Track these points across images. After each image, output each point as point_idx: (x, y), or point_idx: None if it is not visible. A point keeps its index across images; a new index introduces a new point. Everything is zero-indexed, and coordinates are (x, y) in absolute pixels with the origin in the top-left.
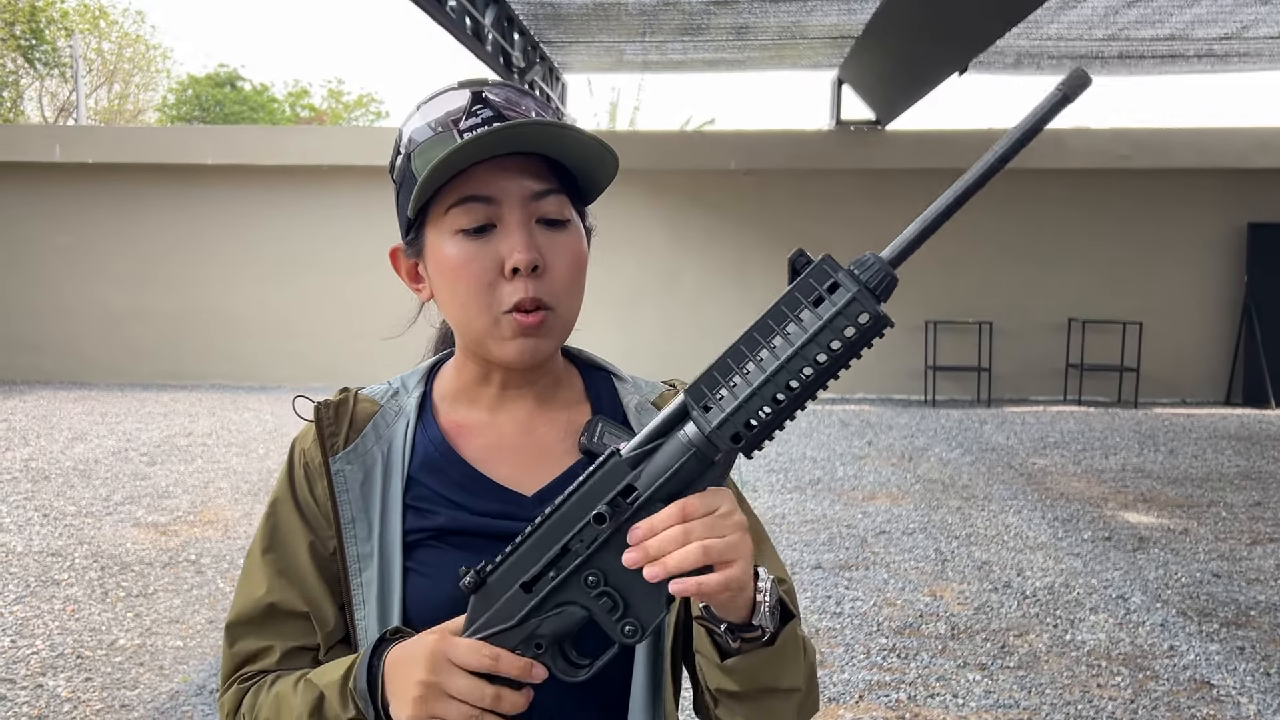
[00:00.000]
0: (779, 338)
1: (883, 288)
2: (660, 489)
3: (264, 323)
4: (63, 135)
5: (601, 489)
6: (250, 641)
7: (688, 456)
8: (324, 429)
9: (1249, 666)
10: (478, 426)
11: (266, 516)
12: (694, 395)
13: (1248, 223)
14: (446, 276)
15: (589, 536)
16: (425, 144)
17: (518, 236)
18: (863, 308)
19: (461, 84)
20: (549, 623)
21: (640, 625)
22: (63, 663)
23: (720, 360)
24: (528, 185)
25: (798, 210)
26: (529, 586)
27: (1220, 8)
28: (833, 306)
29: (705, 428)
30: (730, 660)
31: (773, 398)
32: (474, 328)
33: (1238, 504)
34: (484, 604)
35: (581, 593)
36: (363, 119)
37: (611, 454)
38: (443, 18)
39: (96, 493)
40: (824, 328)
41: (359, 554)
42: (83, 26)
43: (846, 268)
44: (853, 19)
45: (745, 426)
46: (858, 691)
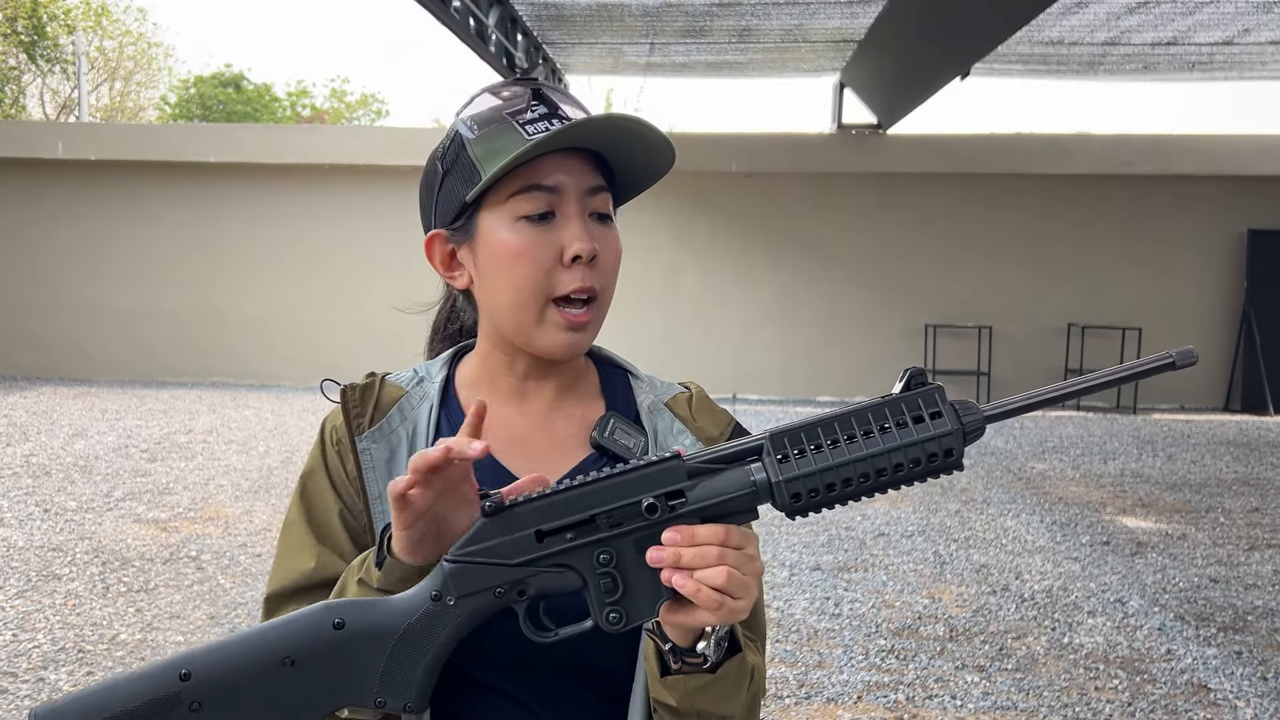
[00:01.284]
0: (870, 431)
1: (973, 433)
2: (707, 509)
3: (265, 321)
4: (65, 132)
5: (652, 482)
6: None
7: (744, 493)
8: (349, 410)
9: (1246, 671)
10: (497, 416)
11: (300, 491)
12: (774, 443)
13: (1248, 229)
14: (504, 260)
15: (621, 518)
16: (487, 133)
17: (579, 226)
18: (952, 444)
19: (516, 80)
20: (544, 577)
21: (626, 616)
22: (64, 656)
23: (811, 425)
24: (585, 180)
25: (799, 213)
26: (543, 536)
27: (1222, 14)
28: (930, 430)
29: (774, 477)
30: (668, 678)
31: (843, 480)
32: (522, 315)
33: (1236, 510)
34: (493, 531)
35: (588, 564)
36: (365, 118)
37: (674, 456)
38: (446, 18)
39: (97, 488)
40: (915, 444)
41: None
42: (85, 24)
43: (952, 404)
44: (855, 23)
45: (808, 493)
46: (856, 692)
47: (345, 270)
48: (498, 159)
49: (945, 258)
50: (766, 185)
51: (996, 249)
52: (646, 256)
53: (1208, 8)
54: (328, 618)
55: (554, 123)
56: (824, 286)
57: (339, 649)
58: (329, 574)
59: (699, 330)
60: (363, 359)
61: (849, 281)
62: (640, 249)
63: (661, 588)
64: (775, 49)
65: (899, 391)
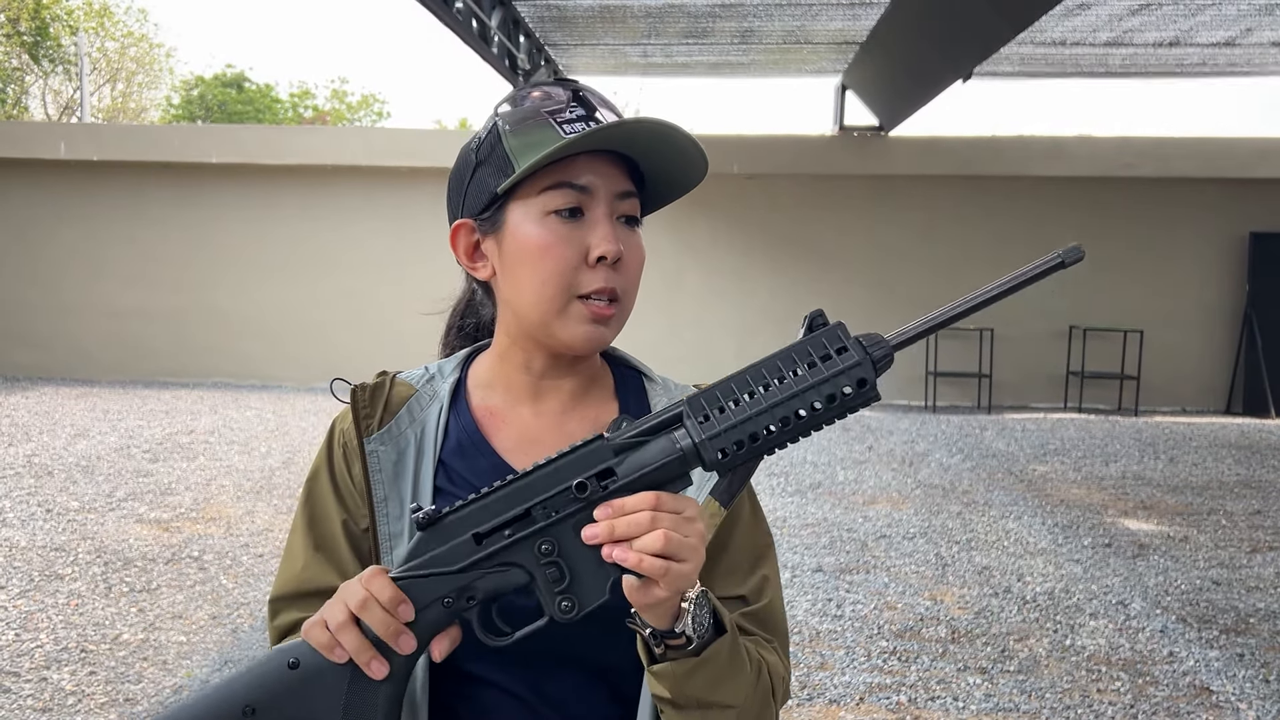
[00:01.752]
0: (784, 377)
1: (882, 364)
2: (639, 480)
3: (266, 321)
4: (67, 132)
5: (580, 466)
6: (291, 615)
7: (672, 459)
8: (359, 410)
9: (1248, 673)
10: (510, 416)
11: (305, 494)
12: (693, 406)
13: (1249, 232)
14: (530, 254)
15: (556, 505)
16: (524, 126)
17: (606, 227)
18: (862, 373)
19: (557, 81)
20: (489, 579)
21: (578, 603)
22: (67, 656)
23: (724, 382)
24: (616, 184)
25: (801, 215)
26: (481, 538)
27: (1224, 15)
28: (837, 365)
29: (697, 438)
30: (657, 666)
31: (765, 428)
32: (545, 308)
33: (1237, 512)
34: (432, 542)
35: (530, 558)
36: (366, 119)
37: (597, 438)
38: (449, 19)
39: (99, 489)
40: (825, 380)
41: (390, 532)
42: (87, 25)
43: (855, 338)
44: (857, 25)
45: (734, 445)
46: (858, 694)
47: (347, 271)
48: (533, 152)
49: (947, 260)
50: (768, 187)
51: (998, 251)
52: (648, 258)
53: (1210, 9)
54: (283, 659)
55: (591, 124)
56: (825, 288)
57: (297, 690)
58: (322, 584)
59: (700, 331)
60: (365, 360)
61: (850, 283)
62: None
63: (608, 567)
64: (777, 50)
65: (803, 336)
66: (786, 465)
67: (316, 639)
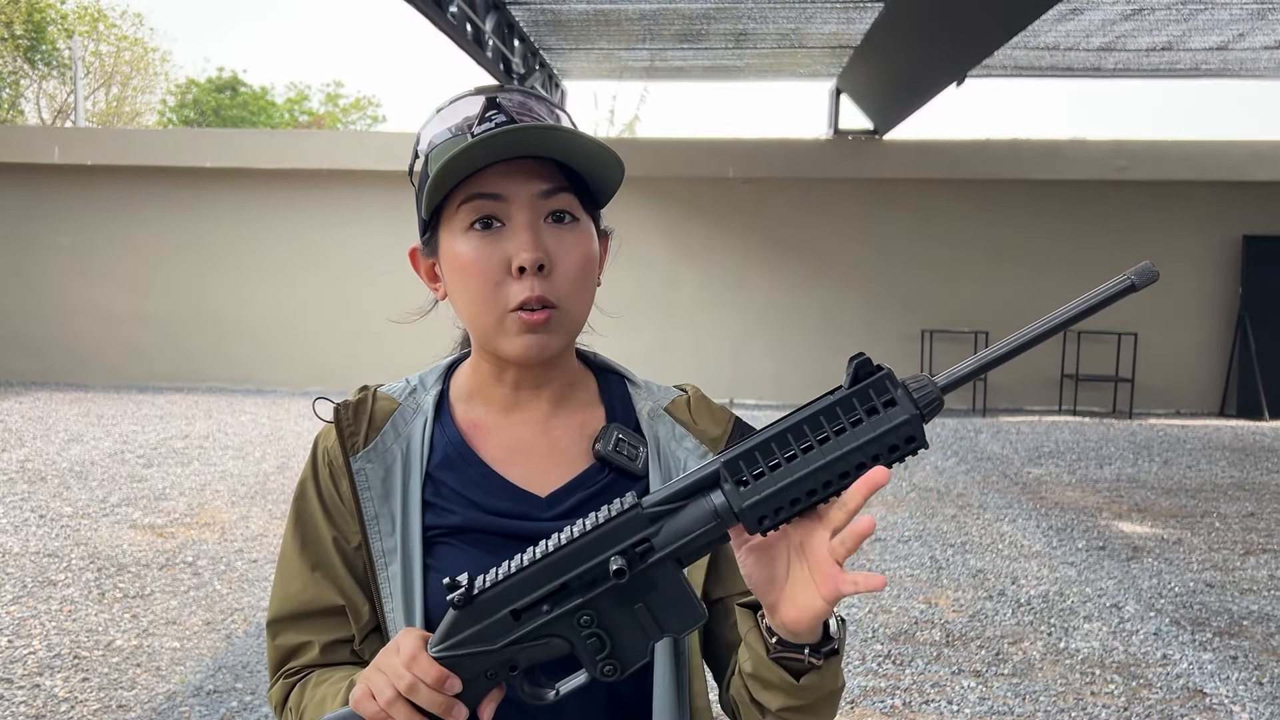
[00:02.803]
0: (827, 436)
1: (931, 412)
2: (677, 550)
3: (261, 326)
4: (62, 137)
5: (617, 537)
6: (290, 637)
7: (711, 526)
8: (344, 429)
9: (1242, 676)
10: (494, 426)
11: (294, 514)
12: (730, 469)
13: (1242, 235)
14: (458, 274)
15: (592, 579)
16: (441, 147)
17: (524, 235)
18: (912, 430)
19: (477, 90)
20: (530, 651)
21: (620, 666)
22: (60, 663)
23: (763, 441)
24: (536, 184)
25: (796, 219)
26: (519, 614)
27: (1216, 20)
28: (887, 422)
29: (737, 505)
30: (806, 679)
31: (806, 492)
32: (482, 324)
33: (1231, 515)
34: (469, 621)
35: (571, 629)
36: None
37: (633, 506)
38: (444, 23)
39: (93, 494)
40: (874, 439)
41: (384, 549)
42: (82, 29)
43: (903, 384)
44: (851, 28)
45: (773, 512)
46: (852, 697)
47: (342, 275)
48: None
49: (942, 263)
50: (763, 190)
51: (993, 254)
52: (643, 262)
53: (1202, 14)
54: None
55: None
56: (821, 292)
57: None
58: (325, 603)
59: (695, 335)
60: (359, 364)
61: (846, 287)
62: (636, 254)
63: (649, 631)
64: (772, 54)
65: (848, 385)
66: None
67: (367, 711)
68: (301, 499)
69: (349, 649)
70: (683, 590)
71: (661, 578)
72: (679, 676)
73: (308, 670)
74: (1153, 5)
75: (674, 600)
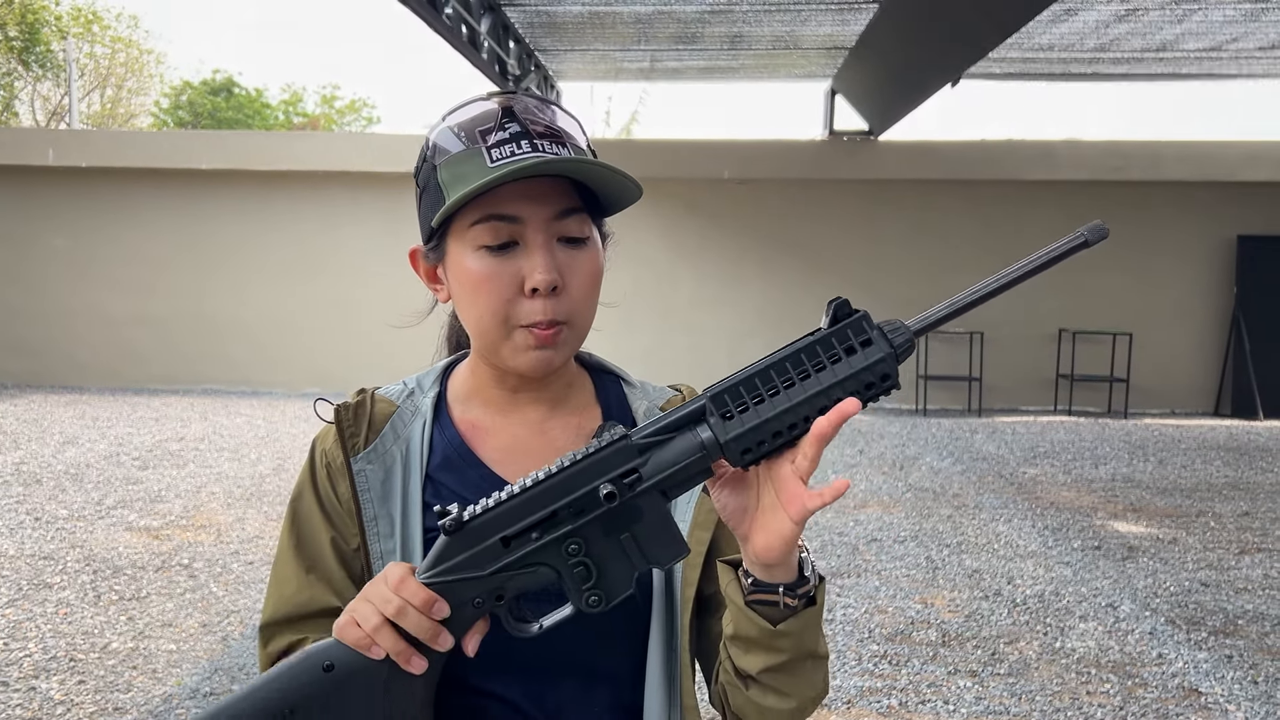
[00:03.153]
0: (806, 373)
1: (905, 352)
2: (663, 480)
3: (257, 327)
4: (56, 139)
5: (605, 466)
6: (284, 639)
7: (697, 457)
8: (344, 430)
9: (1237, 675)
10: (492, 427)
11: (290, 516)
12: (716, 403)
13: (1237, 235)
14: (467, 288)
15: (582, 507)
16: (454, 157)
17: (539, 258)
18: (887, 368)
19: (490, 94)
20: (518, 579)
21: (605, 596)
22: (55, 665)
23: (748, 377)
24: (551, 206)
25: (791, 219)
26: (509, 541)
27: (1210, 22)
28: (864, 360)
29: (721, 436)
30: (783, 624)
31: (788, 425)
32: (490, 338)
33: (1226, 514)
34: (458, 547)
35: (558, 557)
36: (355, 124)
37: (622, 437)
38: (439, 25)
39: (88, 497)
40: (851, 376)
41: (382, 550)
42: (76, 31)
43: (879, 326)
44: (846, 29)
45: (756, 445)
46: (849, 697)
47: (337, 277)
48: (460, 186)
49: (936, 264)
50: (758, 191)
51: (987, 255)
52: (639, 263)
53: (1195, 16)
54: (317, 662)
55: (523, 144)
56: (816, 292)
57: (333, 693)
58: (321, 605)
59: (692, 336)
60: (356, 366)
61: (841, 287)
62: (633, 255)
63: (635, 561)
64: (767, 55)
65: (827, 326)
66: None
67: (350, 637)
68: (299, 500)
69: None
70: (667, 523)
71: (648, 508)
72: (670, 671)
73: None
74: (1146, 6)
75: (659, 532)
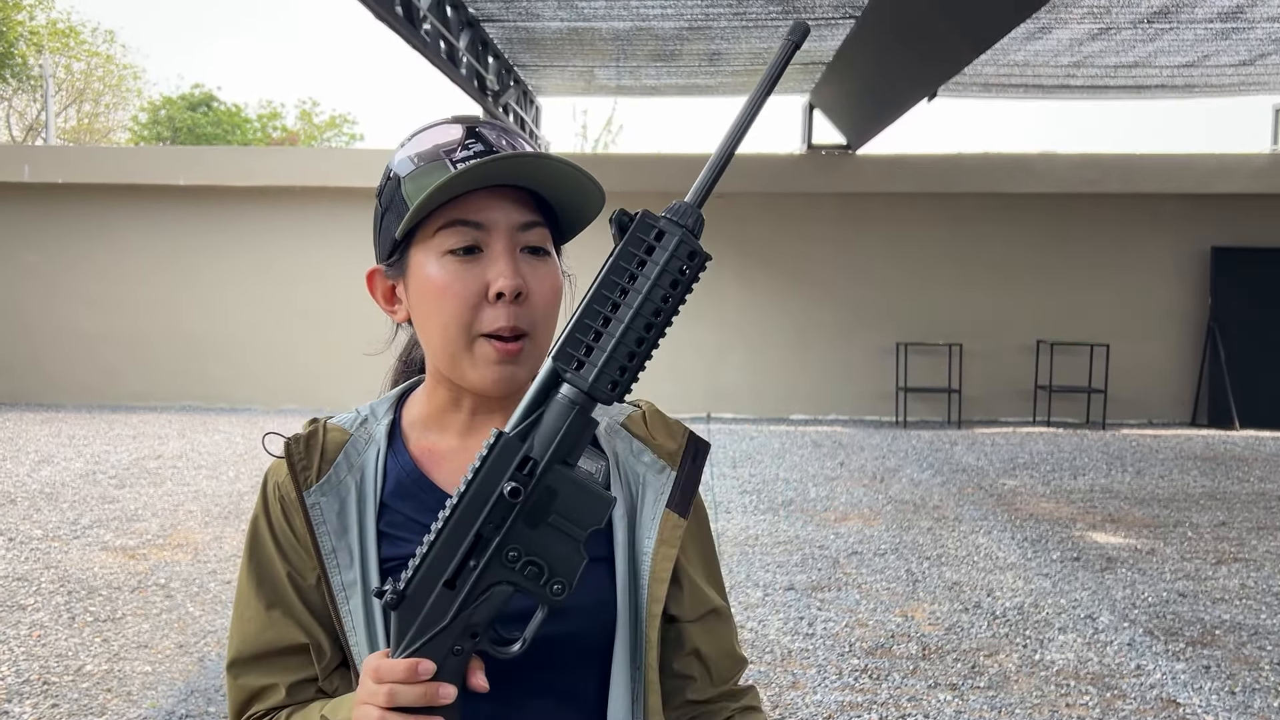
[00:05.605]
0: (626, 288)
1: (696, 227)
2: (556, 451)
3: (234, 344)
4: (32, 155)
5: (499, 469)
6: (253, 678)
7: (573, 414)
8: (295, 464)
9: (1215, 685)
10: (449, 452)
11: (248, 552)
12: (562, 359)
13: (1211, 246)
14: (430, 296)
15: (500, 516)
16: (418, 171)
17: (504, 262)
18: (689, 245)
19: (455, 119)
20: (480, 609)
21: (566, 580)
22: (28, 689)
23: (578, 321)
24: (515, 216)
25: (770, 233)
26: (452, 583)
27: (1182, 41)
28: (665, 251)
29: (584, 384)
30: None
31: (635, 341)
32: (451, 349)
33: (1203, 524)
34: (410, 614)
35: (505, 570)
36: (335, 140)
37: (499, 437)
38: (418, 41)
39: (64, 516)
40: (663, 270)
41: (343, 582)
42: (53, 45)
43: (664, 215)
44: (824, 45)
45: (619, 372)
46: (829, 712)
47: (315, 293)
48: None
49: (915, 276)
50: (737, 206)
51: (966, 268)
52: None
53: (1168, 34)
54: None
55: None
56: (795, 306)
57: None
58: (287, 643)
59: (671, 351)
60: (332, 381)
61: (820, 301)
62: None
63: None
64: (744, 72)
65: (619, 239)
66: (758, 483)
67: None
68: (254, 537)
69: (314, 687)
70: (581, 486)
71: (557, 484)
72: (635, 690)
73: (273, 712)
74: (1119, 25)
75: (579, 499)
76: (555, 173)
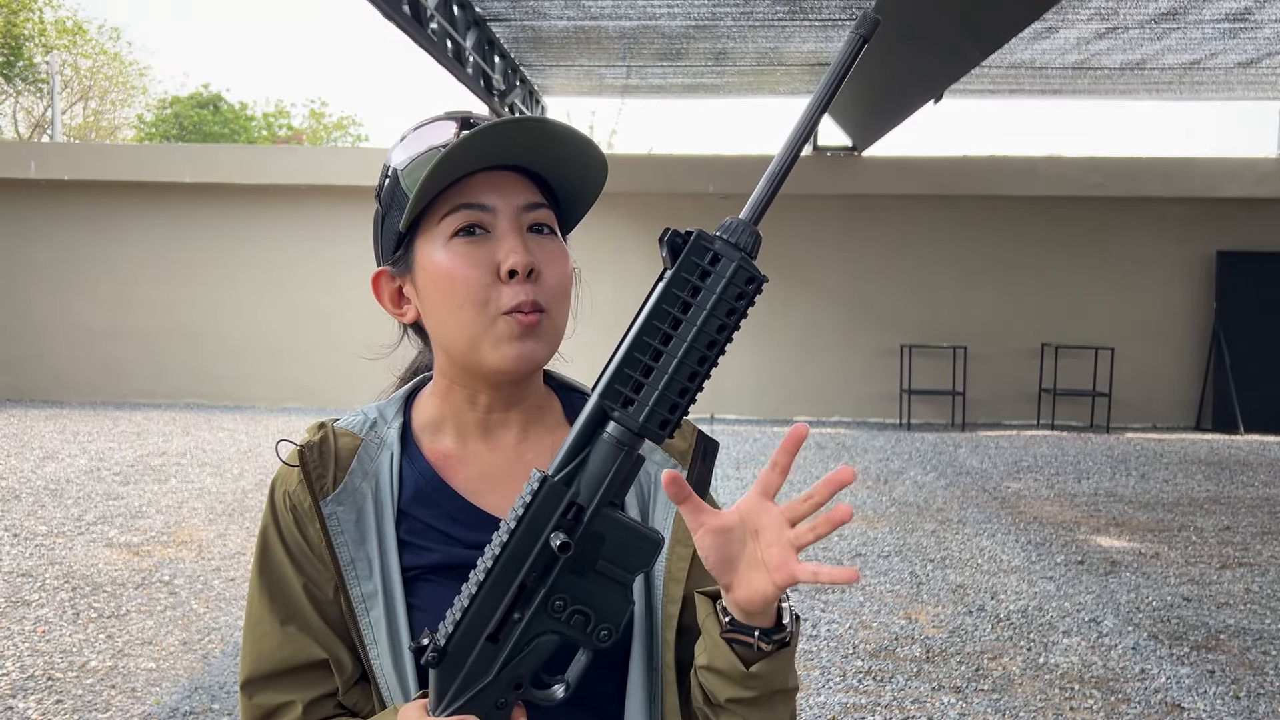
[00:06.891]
0: (679, 318)
1: (754, 248)
2: (603, 497)
3: (239, 342)
4: (39, 151)
5: (544, 516)
6: (269, 696)
7: (621, 457)
8: (310, 472)
9: (1219, 689)
10: (466, 456)
11: (259, 565)
12: (610, 396)
13: (1216, 251)
14: (442, 283)
15: (543, 565)
16: (416, 164)
17: (512, 239)
18: (747, 272)
19: (449, 114)
20: (525, 662)
21: (613, 626)
22: (33, 685)
23: (625, 354)
24: (520, 197)
25: (775, 235)
26: (495, 637)
27: (1189, 39)
28: (721, 278)
29: (634, 424)
30: (756, 666)
31: (688, 376)
32: (469, 330)
33: (1207, 528)
34: (452, 670)
35: (550, 620)
36: (342, 140)
37: (543, 481)
38: (425, 41)
39: (68, 512)
40: (720, 299)
41: (363, 594)
42: (60, 43)
43: (716, 236)
44: (830, 46)
45: (670, 410)
46: (833, 714)
47: (320, 291)
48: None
49: (920, 279)
50: (742, 206)
51: (971, 270)
52: (621, 277)
53: (1175, 33)
54: None
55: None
56: (800, 307)
57: None
58: (305, 659)
59: None
60: (337, 380)
61: (825, 302)
62: (615, 271)
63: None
64: (751, 72)
65: (670, 262)
66: None
67: None
68: (265, 549)
69: (333, 703)
70: (629, 530)
71: (604, 529)
72: (652, 690)
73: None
74: (1125, 24)
75: (626, 543)
76: (555, 141)
